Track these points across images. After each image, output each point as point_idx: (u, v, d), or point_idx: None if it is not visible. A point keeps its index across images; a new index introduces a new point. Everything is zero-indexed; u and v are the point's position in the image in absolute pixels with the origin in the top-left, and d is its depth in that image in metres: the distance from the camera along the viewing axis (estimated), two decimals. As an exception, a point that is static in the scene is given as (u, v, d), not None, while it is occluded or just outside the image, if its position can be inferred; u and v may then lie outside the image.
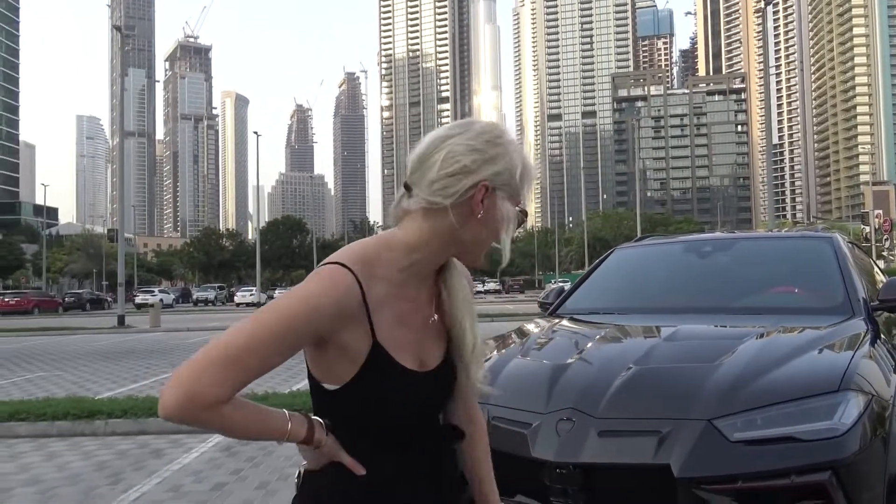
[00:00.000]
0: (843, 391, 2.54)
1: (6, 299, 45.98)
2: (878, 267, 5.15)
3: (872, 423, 2.51)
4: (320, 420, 1.27)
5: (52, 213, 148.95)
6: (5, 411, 7.09)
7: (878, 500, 2.43)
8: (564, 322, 3.78)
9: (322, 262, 1.25)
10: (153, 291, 49.56)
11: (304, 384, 6.16)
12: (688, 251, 4.40)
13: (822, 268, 3.79)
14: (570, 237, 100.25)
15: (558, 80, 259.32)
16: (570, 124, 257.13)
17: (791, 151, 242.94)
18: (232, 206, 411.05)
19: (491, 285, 77.86)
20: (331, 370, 1.26)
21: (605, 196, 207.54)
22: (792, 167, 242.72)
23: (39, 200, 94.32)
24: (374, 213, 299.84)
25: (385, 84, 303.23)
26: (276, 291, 65.68)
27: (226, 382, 1.12)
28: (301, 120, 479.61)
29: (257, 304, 50.58)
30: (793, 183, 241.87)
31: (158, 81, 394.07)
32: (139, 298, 48.93)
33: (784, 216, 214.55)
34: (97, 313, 45.03)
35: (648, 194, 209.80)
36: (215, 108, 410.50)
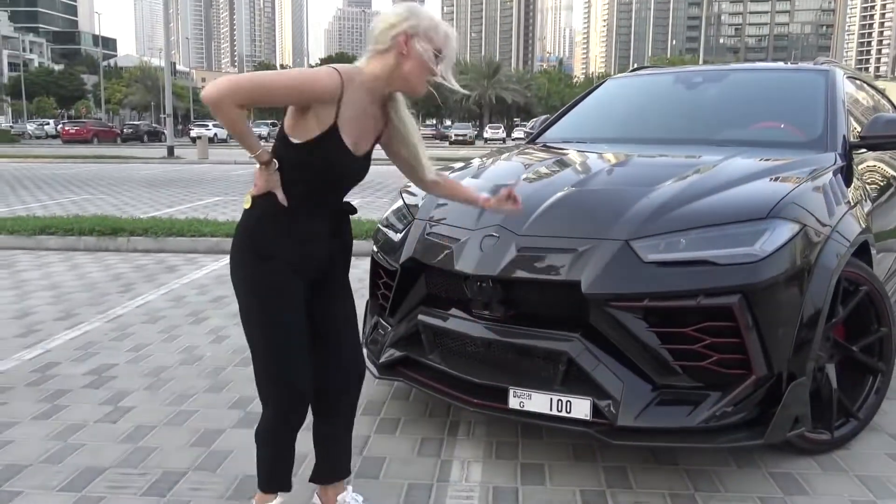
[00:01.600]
0: (770, 219, 2.49)
1: (67, 128, 47.27)
2: (893, 105, 4.85)
3: (797, 254, 2.48)
4: (276, 160, 1.99)
5: (111, 43, 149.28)
6: (37, 226, 7.50)
7: (790, 330, 2.44)
8: (529, 149, 3.73)
9: (330, 65, 1.97)
10: (207, 125, 50.02)
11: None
12: (678, 82, 4.20)
13: (809, 102, 3.60)
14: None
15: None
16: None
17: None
18: (289, 41, 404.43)
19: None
20: (303, 130, 1.95)
21: (674, 41, 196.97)
22: (882, 15, 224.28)
23: (99, 31, 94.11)
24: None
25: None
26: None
27: (243, 98, 1.84)
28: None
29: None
30: (881, 33, 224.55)
31: None
32: (194, 132, 49.63)
33: (867, 69, 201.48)
34: (153, 145, 46.05)
35: (721, 41, 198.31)
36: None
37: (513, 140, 56.49)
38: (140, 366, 3.79)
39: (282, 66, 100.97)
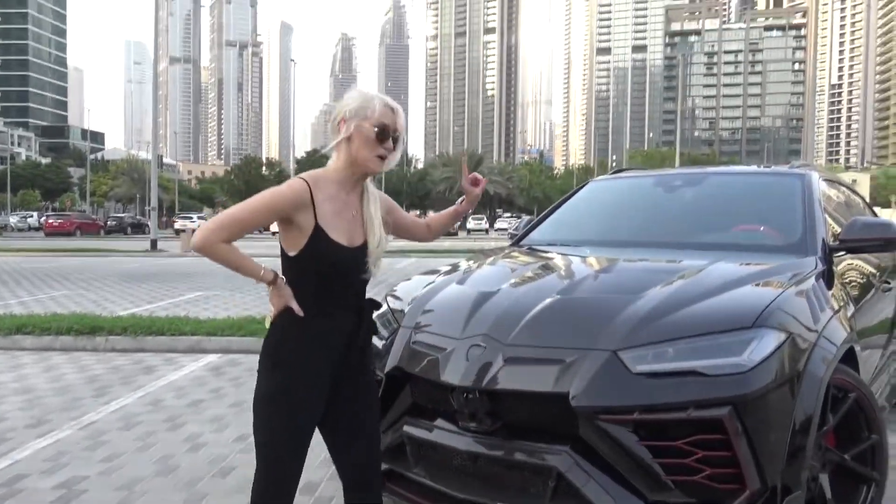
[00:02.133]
0: (757, 328, 2.47)
1: (50, 220, 47.31)
2: (870, 208, 4.95)
3: (785, 362, 2.45)
4: (282, 276, 2.11)
5: (99, 137, 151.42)
6: (14, 325, 7.37)
7: (782, 441, 2.39)
8: (514, 252, 3.74)
9: (296, 176, 2.11)
10: (192, 218, 50.30)
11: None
12: (658, 185, 4.27)
13: (786, 206, 3.66)
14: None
15: (609, 12, 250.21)
16: (619, 59, 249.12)
17: (850, 93, 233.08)
18: (276, 135, 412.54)
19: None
20: (293, 242, 2.09)
21: (651, 134, 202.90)
22: (849, 109, 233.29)
23: (88, 125, 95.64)
24: (415, 146, 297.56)
25: (431, 13, 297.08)
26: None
27: (226, 235, 2.03)
28: (345, 49, 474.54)
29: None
30: (849, 126, 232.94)
31: (203, 6, 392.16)
32: (178, 224, 49.85)
33: (837, 160, 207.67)
34: (137, 237, 46.10)
35: (696, 134, 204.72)
36: (260, 36, 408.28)
37: (495, 230, 57.79)
38: (112, 478, 3.63)
39: (268, 160, 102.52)
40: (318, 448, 2.32)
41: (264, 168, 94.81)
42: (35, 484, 3.54)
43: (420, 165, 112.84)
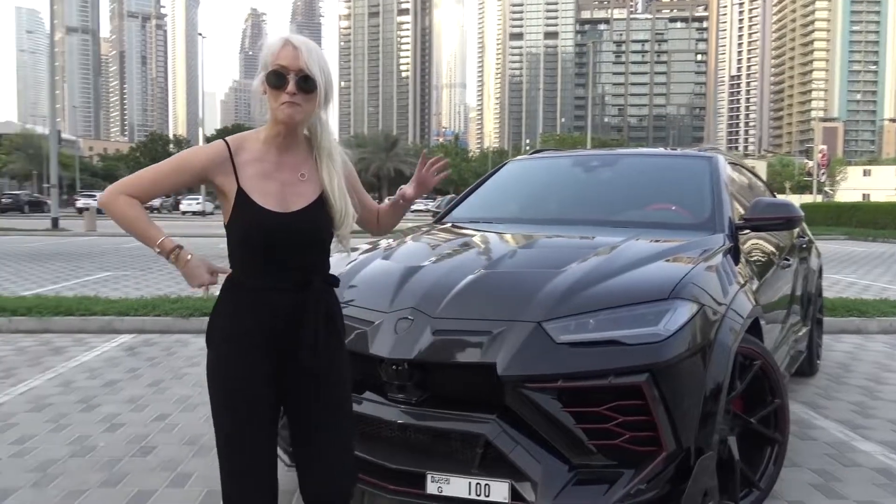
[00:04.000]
0: (672, 299, 2.63)
1: (-64, 198, 44.32)
2: (770, 191, 5.26)
3: (697, 332, 2.61)
4: (182, 246, 1.90)
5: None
6: None
7: (695, 405, 2.55)
8: (437, 229, 3.81)
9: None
10: (95, 196, 48.10)
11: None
12: (575, 165, 4.43)
13: (696, 186, 3.86)
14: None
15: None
16: (532, 44, 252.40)
17: (748, 84, 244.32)
18: (183, 111, 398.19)
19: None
20: (225, 211, 1.92)
21: (563, 119, 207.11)
22: (748, 100, 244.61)
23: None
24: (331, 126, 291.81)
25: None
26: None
27: (131, 188, 1.89)
28: (255, 25, 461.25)
29: (202, 214, 49.77)
30: (747, 115, 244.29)
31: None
32: (80, 202, 47.55)
33: (736, 148, 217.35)
34: (36, 216, 43.79)
35: (606, 120, 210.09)
36: (164, 7, 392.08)
37: (412, 212, 58.39)
38: (25, 459, 3.51)
39: (175, 136, 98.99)
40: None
41: (171, 145, 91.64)
42: (-60, 469, 3.39)
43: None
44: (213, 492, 3.13)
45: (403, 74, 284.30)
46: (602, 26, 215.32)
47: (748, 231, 3.75)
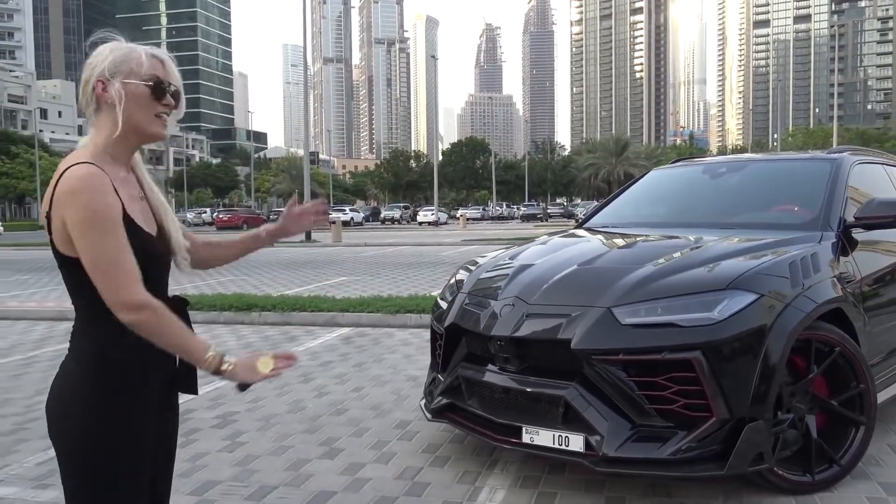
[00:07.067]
0: (730, 289, 3.07)
1: (220, 216, 51.97)
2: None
3: (753, 317, 3.02)
4: (228, 358, 1.67)
5: (262, 137, 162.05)
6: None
7: (748, 379, 2.97)
8: (569, 232, 4.45)
9: (69, 165, 1.60)
10: (344, 210, 53.47)
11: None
12: (705, 172, 4.79)
13: (813, 187, 4.09)
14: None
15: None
16: (779, 31, 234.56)
17: None
18: (424, 127, 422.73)
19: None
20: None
21: (817, 110, 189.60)
22: None
23: (252, 126, 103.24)
24: (562, 133, 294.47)
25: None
26: (460, 211, 67.74)
27: (140, 278, 1.60)
28: (490, 39, 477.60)
29: (436, 223, 52.91)
30: None
31: (353, 7, 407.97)
32: (331, 216, 53.05)
33: None
34: (296, 229, 49.46)
35: (869, 107, 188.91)
36: (406, 31, 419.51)
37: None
38: (254, 413, 4.70)
39: (415, 152, 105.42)
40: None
41: (412, 160, 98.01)
42: (202, 415, 4.67)
43: (566, 153, 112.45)
44: (382, 441, 4.05)
45: (637, 75, 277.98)
46: (863, 2, 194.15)
47: (862, 230, 3.91)
